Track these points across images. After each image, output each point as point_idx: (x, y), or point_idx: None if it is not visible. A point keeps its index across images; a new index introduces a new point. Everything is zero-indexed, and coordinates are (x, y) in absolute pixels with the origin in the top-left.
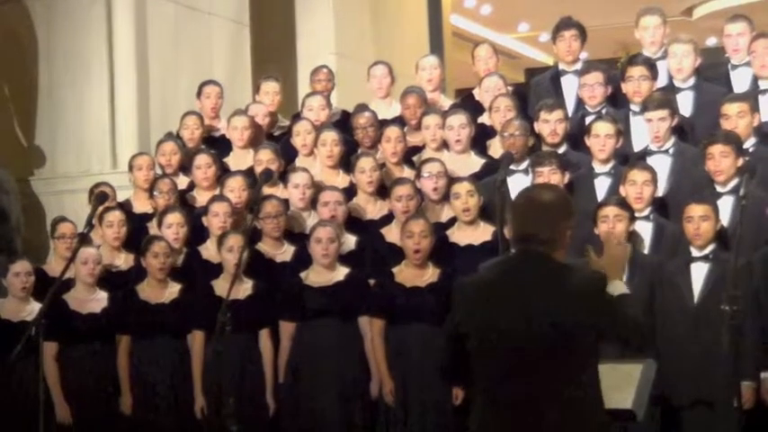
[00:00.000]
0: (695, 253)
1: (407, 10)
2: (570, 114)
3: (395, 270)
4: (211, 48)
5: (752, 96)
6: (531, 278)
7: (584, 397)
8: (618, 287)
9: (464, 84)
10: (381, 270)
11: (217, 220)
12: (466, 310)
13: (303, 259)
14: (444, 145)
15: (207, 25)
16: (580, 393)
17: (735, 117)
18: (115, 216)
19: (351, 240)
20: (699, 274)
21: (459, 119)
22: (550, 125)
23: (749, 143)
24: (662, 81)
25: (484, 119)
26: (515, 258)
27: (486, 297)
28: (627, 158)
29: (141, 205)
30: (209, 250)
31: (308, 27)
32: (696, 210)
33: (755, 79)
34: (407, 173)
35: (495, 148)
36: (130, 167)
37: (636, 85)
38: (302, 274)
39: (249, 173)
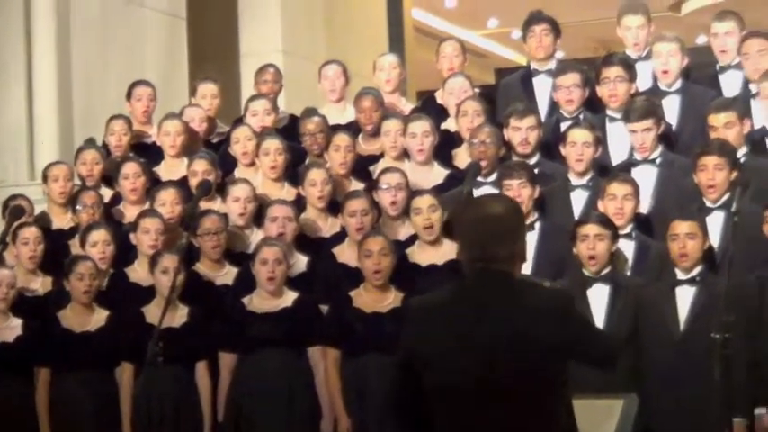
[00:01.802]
0: (681, 275)
1: (364, 3)
2: (543, 119)
3: (352, 294)
4: (143, 44)
5: (740, 102)
6: (492, 300)
7: None
8: None
9: (427, 85)
10: (335, 294)
11: (147, 237)
12: (419, 339)
13: (246, 282)
14: (404, 154)
15: (138, 19)
16: (553, 428)
17: (722, 129)
18: (31, 232)
19: (301, 261)
20: (685, 298)
21: (422, 125)
22: (521, 133)
23: (739, 153)
24: (646, 83)
25: (448, 124)
26: (472, 280)
27: (443, 323)
28: (606, 169)
29: (59, 221)
30: (137, 272)
31: (252, 21)
32: (682, 227)
33: (746, 82)
34: (356, 186)
35: (462, 158)
36: (45, 178)
37: (612, 87)
38: (245, 299)
39: (183, 184)
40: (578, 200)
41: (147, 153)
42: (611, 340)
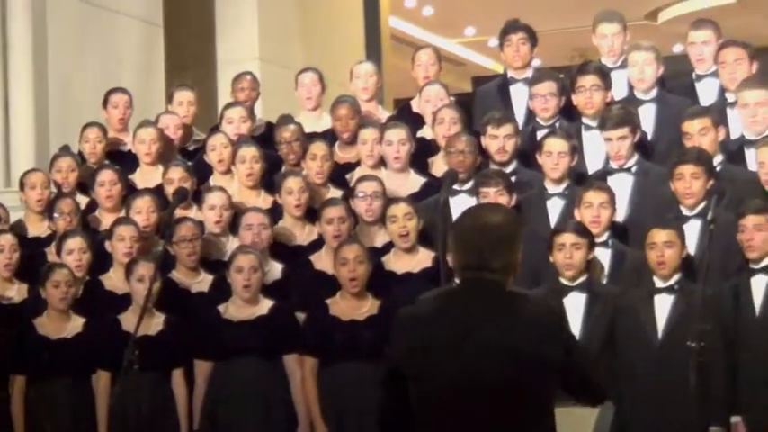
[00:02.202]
0: (659, 283)
1: (341, 11)
2: (520, 128)
3: (329, 302)
4: (120, 51)
5: (715, 110)
6: (484, 311)
7: None
8: None
9: (404, 93)
10: (312, 302)
11: (122, 245)
12: (408, 349)
13: (222, 290)
14: (381, 162)
15: (115, 25)
16: None
17: (697, 135)
18: (6, 240)
19: (276, 269)
20: (663, 306)
21: (398, 133)
22: (498, 141)
23: (715, 161)
24: (621, 92)
25: (424, 132)
26: (464, 289)
27: (433, 334)
28: (582, 177)
29: (35, 228)
30: (112, 279)
31: (229, 29)
32: (660, 235)
33: (722, 91)
34: (334, 193)
35: (438, 166)
36: (22, 186)
37: (587, 95)
38: (221, 307)
39: (158, 192)
40: (554, 208)
41: (124, 161)
42: (599, 374)
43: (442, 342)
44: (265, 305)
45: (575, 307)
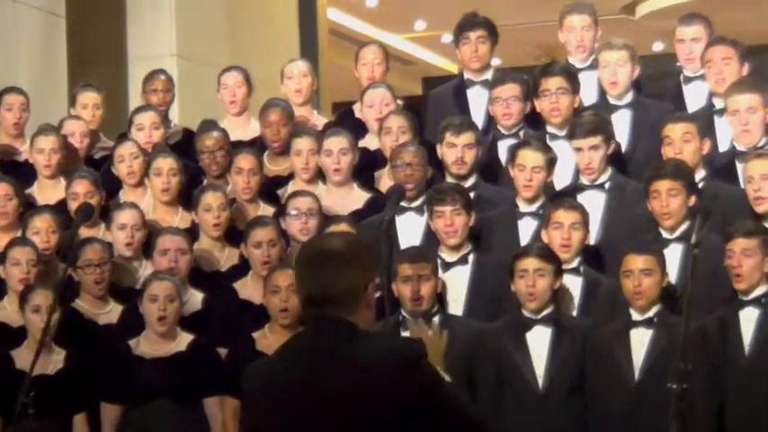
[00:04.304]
0: (636, 316)
1: (272, 1)
2: None
3: (256, 335)
4: (15, 45)
5: (702, 117)
6: (323, 355)
7: None
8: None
9: (344, 96)
10: (236, 336)
11: (17, 270)
12: (257, 418)
13: (134, 322)
14: (318, 175)
15: (9, 15)
16: None
17: (678, 141)
18: None
19: (196, 298)
20: (640, 342)
21: (338, 142)
22: (457, 151)
23: (698, 177)
24: (591, 97)
25: (367, 142)
26: (306, 330)
27: (278, 392)
28: (555, 195)
29: None
30: (5, 310)
31: (142, 20)
32: (637, 261)
33: (711, 95)
34: (265, 210)
35: (385, 181)
36: None
37: (553, 100)
38: (131, 342)
39: (60, 209)
40: (526, 229)
41: (19, 172)
42: (472, 407)
43: (287, 402)
44: (183, 340)
45: (539, 343)
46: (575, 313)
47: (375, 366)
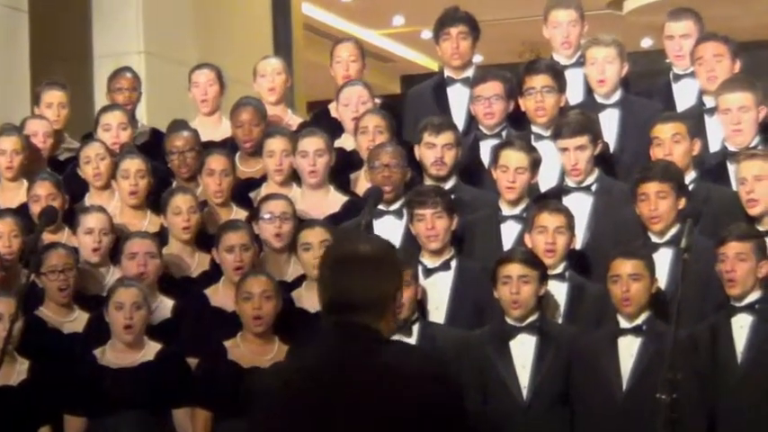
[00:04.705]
0: (624, 323)
1: None
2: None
3: (228, 344)
4: None
5: (693, 117)
6: (349, 367)
7: None
8: None
9: (320, 95)
10: (207, 345)
11: None
12: (265, 425)
13: (100, 331)
14: (292, 177)
15: None
16: None
17: (668, 141)
18: None
19: (166, 305)
20: (628, 351)
21: (314, 143)
22: (436, 151)
23: (688, 178)
24: (578, 95)
25: (343, 142)
26: (328, 339)
27: (295, 401)
28: (539, 197)
29: None
30: None
31: (108, 16)
32: (625, 266)
33: (701, 94)
34: (237, 213)
35: (362, 183)
36: None
37: (538, 99)
38: (97, 352)
39: (22, 212)
40: (510, 233)
41: None
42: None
43: (306, 411)
44: (151, 349)
45: (523, 351)
46: (560, 321)
47: (404, 377)
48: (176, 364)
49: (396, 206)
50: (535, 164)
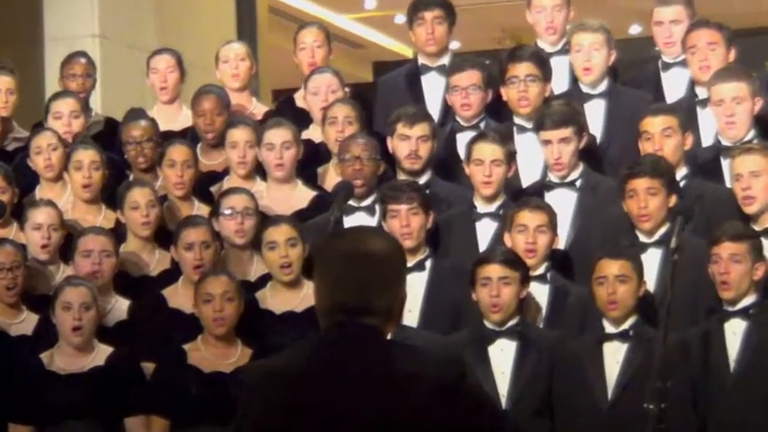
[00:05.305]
0: (610, 328)
1: None
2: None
3: (187, 347)
4: None
5: (684, 109)
6: (359, 368)
7: None
8: None
9: (286, 83)
10: (164, 348)
11: None
12: (264, 411)
13: (50, 333)
14: (257, 170)
15: None
16: None
17: (659, 135)
18: None
19: (121, 306)
20: (614, 357)
21: (281, 134)
22: (410, 143)
23: (679, 174)
24: (563, 84)
25: (311, 133)
26: (336, 338)
27: (291, 396)
28: (520, 193)
29: None
30: None
31: None
32: (611, 267)
33: (693, 84)
34: (200, 209)
35: (331, 176)
36: None
37: (521, 88)
38: (44, 356)
39: None
40: (485, 231)
41: None
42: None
43: (302, 407)
44: (101, 353)
45: (503, 357)
46: (541, 325)
47: (415, 383)
48: (128, 368)
49: (368, 202)
50: (510, 156)
